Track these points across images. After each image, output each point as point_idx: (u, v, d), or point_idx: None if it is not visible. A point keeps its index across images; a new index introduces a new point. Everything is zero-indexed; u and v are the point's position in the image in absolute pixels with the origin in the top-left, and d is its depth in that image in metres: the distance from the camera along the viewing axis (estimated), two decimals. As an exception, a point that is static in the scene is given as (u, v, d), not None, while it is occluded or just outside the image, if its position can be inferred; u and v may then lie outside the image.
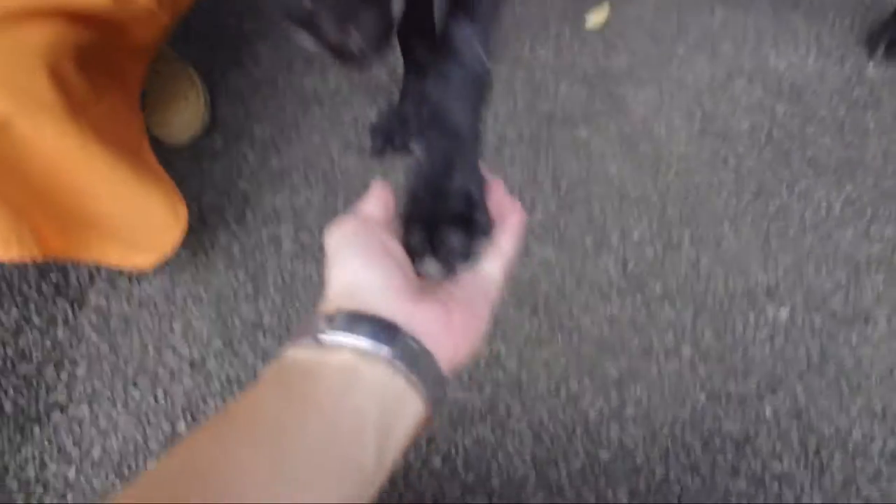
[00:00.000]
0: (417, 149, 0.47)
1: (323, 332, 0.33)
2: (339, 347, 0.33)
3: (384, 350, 0.33)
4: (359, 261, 0.36)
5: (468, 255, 0.41)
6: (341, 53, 0.53)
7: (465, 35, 0.53)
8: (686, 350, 0.95)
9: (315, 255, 1.02)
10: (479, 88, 0.52)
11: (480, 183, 0.45)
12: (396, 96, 1.11)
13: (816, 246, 1.03)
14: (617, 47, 1.23)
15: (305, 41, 0.53)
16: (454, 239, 0.41)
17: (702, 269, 1.00)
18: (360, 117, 1.14)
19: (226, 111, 1.18)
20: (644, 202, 1.06)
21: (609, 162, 1.09)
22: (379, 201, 0.42)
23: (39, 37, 0.74)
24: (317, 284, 0.99)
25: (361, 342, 0.33)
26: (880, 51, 1.20)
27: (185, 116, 1.12)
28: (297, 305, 0.98)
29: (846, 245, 1.04)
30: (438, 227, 0.41)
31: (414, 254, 0.40)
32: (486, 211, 0.43)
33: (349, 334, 0.33)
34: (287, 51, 1.24)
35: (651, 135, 1.13)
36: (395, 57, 1.12)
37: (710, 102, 1.17)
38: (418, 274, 0.39)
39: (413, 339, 0.34)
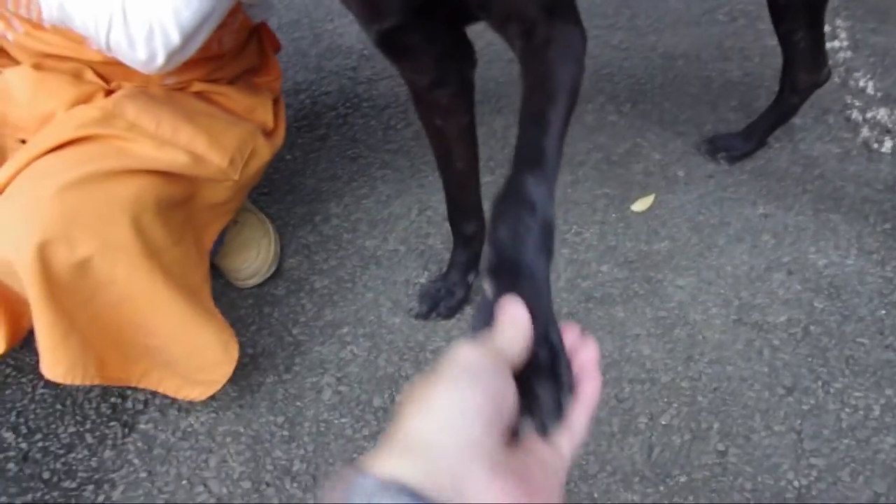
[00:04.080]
0: (489, 293, 0.46)
1: (371, 497, 0.29)
2: None
3: None
4: (467, 407, 0.32)
5: (560, 413, 0.39)
6: None
7: (537, 186, 0.55)
8: (708, 548, 0.93)
9: (351, 409, 1.07)
10: (550, 238, 0.53)
11: (558, 330, 0.44)
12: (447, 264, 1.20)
13: (854, 451, 1.01)
14: (659, 234, 1.30)
15: None
16: (547, 396, 0.39)
17: (729, 464, 0.99)
18: (411, 280, 1.23)
19: (292, 262, 1.30)
20: (674, 388, 1.07)
21: (643, 344, 1.13)
22: (519, 334, 0.39)
23: (125, 192, 0.88)
24: (349, 438, 1.04)
25: None
26: (923, 257, 1.22)
27: (256, 264, 1.24)
28: (328, 456, 1.02)
29: (886, 454, 1.01)
30: (529, 382, 0.39)
31: None
32: (568, 363, 0.42)
33: None
34: (355, 212, 1.38)
35: (686, 320, 1.16)
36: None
37: (747, 293, 1.20)
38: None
39: None
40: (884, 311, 1.17)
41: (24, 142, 1.00)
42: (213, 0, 0.85)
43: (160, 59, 0.85)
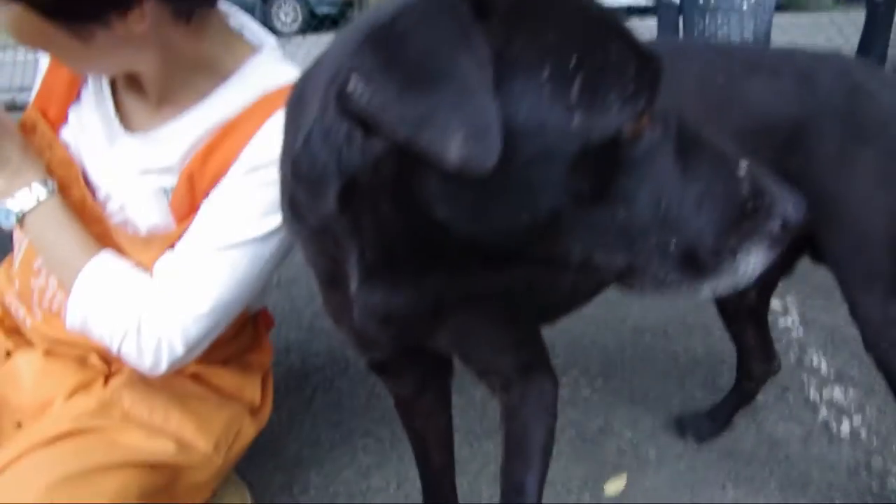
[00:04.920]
0: None
1: None
2: None
3: None
4: None
5: None
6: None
7: (531, 484, 0.64)
8: None
9: None
10: None
11: None
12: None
13: None
14: (633, 519, 1.31)
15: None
16: None
17: None
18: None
19: (266, 537, 1.29)
20: None
21: None
22: None
23: (112, 485, 0.92)
24: None
25: None
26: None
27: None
28: None
29: None
30: None
31: None
32: None
33: None
34: (334, 482, 1.39)
35: None
36: None
37: (724, 590, 1.19)
38: None
39: None
40: None
41: (20, 424, 1.05)
42: (220, 317, 0.95)
43: (163, 367, 0.94)
